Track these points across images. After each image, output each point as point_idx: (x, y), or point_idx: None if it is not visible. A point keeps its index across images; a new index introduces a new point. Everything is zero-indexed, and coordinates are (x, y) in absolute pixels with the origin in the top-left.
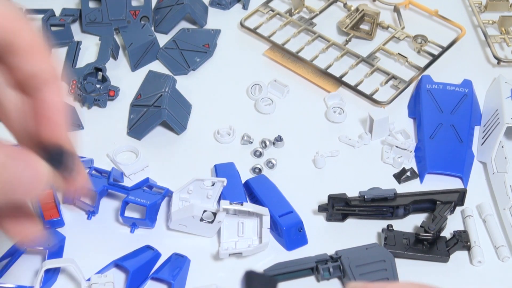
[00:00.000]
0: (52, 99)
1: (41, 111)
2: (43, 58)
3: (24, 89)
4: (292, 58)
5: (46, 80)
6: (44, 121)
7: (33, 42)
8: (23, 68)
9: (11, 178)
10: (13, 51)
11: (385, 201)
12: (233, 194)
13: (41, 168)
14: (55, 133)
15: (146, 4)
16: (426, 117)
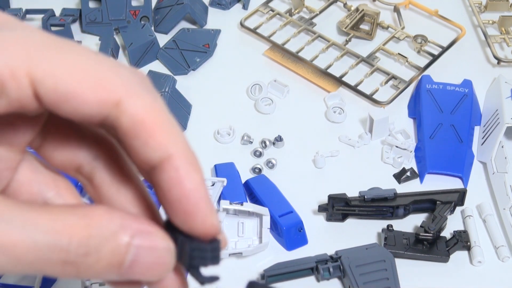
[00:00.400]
0: (180, 179)
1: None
2: (156, 140)
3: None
4: (292, 58)
5: (167, 159)
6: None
7: (141, 121)
8: (129, 151)
9: (130, 261)
10: (116, 130)
11: (385, 201)
12: (233, 194)
13: (169, 254)
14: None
15: (146, 4)
16: (426, 117)
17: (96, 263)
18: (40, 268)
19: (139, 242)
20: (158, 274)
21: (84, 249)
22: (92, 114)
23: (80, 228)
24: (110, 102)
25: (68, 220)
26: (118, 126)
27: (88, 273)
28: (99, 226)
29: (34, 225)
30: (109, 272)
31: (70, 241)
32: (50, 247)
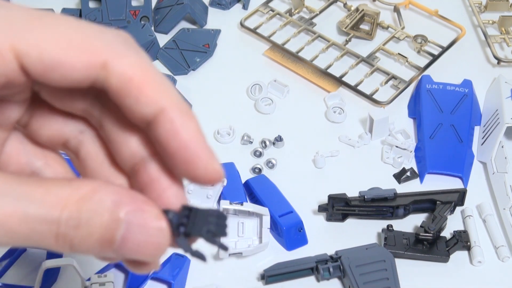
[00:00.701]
0: (177, 129)
1: (168, 146)
2: (147, 96)
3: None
4: (292, 58)
5: (161, 112)
6: (177, 157)
7: (129, 79)
8: (124, 111)
9: (121, 237)
10: (106, 92)
11: (385, 201)
12: (233, 194)
13: (162, 235)
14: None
15: (146, 4)
16: (426, 117)
17: (87, 236)
18: (35, 240)
19: (130, 218)
20: (151, 253)
21: (74, 221)
22: (80, 79)
23: (72, 201)
24: (97, 65)
25: (61, 193)
26: (107, 87)
27: (81, 248)
28: (92, 200)
29: (26, 198)
30: (101, 248)
31: (61, 213)
32: (42, 219)
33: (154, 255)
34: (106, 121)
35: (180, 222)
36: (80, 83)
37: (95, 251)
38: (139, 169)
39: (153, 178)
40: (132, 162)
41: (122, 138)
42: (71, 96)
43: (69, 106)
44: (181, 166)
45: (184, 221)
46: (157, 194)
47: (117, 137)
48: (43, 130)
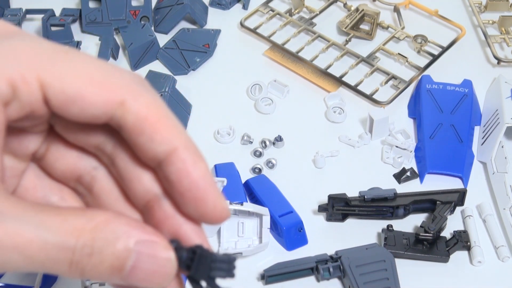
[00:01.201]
0: (187, 169)
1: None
2: (161, 135)
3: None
4: (292, 58)
5: (173, 153)
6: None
7: (145, 118)
8: (137, 149)
9: (131, 267)
10: (122, 128)
11: (385, 201)
12: (233, 194)
13: (170, 265)
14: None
15: (146, 4)
16: (426, 117)
17: (99, 264)
18: (50, 267)
19: (140, 248)
20: (158, 282)
21: (88, 249)
22: (98, 114)
23: (87, 230)
24: (115, 102)
25: (77, 222)
26: (123, 125)
27: (92, 274)
28: (105, 229)
29: (45, 226)
30: (111, 275)
31: (77, 241)
32: (59, 247)
33: (161, 284)
34: (118, 158)
35: (187, 263)
36: (97, 119)
37: (104, 278)
38: (152, 206)
39: (168, 215)
40: (145, 199)
41: (135, 175)
42: (85, 132)
43: (83, 141)
44: (191, 204)
45: (189, 263)
46: (173, 230)
47: (129, 174)
48: (58, 163)
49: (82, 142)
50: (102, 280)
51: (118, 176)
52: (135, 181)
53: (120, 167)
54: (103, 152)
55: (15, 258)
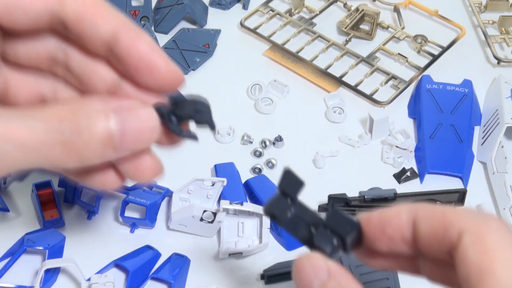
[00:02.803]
0: (134, 42)
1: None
2: (102, 17)
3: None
4: (292, 58)
5: (117, 31)
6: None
7: (83, 7)
8: (84, 39)
9: (120, 131)
10: (65, 24)
11: (385, 201)
12: (233, 194)
13: (152, 118)
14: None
15: (146, 4)
16: (426, 117)
17: (90, 139)
18: (45, 153)
19: (121, 113)
20: (147, 138)
21: (74, 127)
22: (40, 13)
23: (66, 112)
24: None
25: (54, 109)
26: (65, 19)
27: (87, 153)
28: (83, 108)
29: (29, 116)
30: (105, 147)
31: (61, 123)
32: (46, 129)
33: (150, 139)
34: (71, 60)
35: (169, 110)
36: (40, 19)
37: (98, 153)
38: (114, 93)
39: (131, 95)
40: (106, 87)
41: (90, 69)
42: (35, 44)
43: (35, 55)
44: (146, 74)
45: (173, 108)
46: None
47: (85, 70)
48: (20, 93)
49: (35, 57)
50: (98, 158)
51: (76, 80)
52: (91, 74)
53: (75, 69)
54: (57, 62)
55: (9, 148)
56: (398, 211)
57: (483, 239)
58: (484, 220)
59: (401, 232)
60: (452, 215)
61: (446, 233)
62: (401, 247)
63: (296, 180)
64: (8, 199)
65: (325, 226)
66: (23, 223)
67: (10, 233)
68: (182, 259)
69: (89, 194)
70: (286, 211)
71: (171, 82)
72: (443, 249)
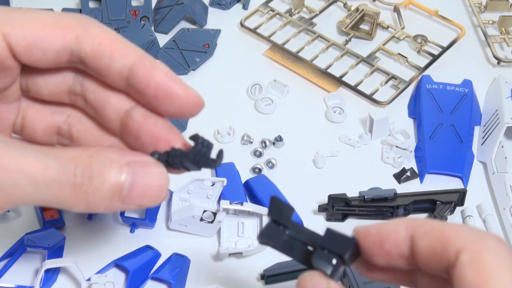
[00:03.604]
0: (151, 73)
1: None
2: (118, 53)
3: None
4: (292, 58)
5: (134, 65)
6: (157, 103)
7: (100, 44)
8: (102, 73)
9: (129, 184)
10: (83, 61)
11: (385, 201)
12: (233, 194)
13: (163, 177)
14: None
15: (146, 4)
16: (426, 117)
17: (100, 186)
18: (55, 192)
19: (134, 167)
20: (155, 196)
21: (88, 173)
22: (58, 51)
23: (83, 157)
24: (71, 36)
25: (73, 152)
26: (83, 56)
27: (95, 199)
28: (99, 156)
29: (45, 153)
30: (113, 198)
31: (76, 166)
32: (60, 170)
33: (158, 198)
34: (88, 92)
35: (174, 163)
36: (59, 57)
37: (106, 203)
38: (126, 122)
39: (141, 122)
40: (118, 118)
41: (105, 99)
42: (54, 79)
43: (55, 89)
44: (165, 101)
45: (179, 163)
46: (150, 133)
47: (100, 101)
48: (37, 125)
49: (54, 90)
50: (105, 207)
51: (93, 111)
52: (105, 105)
53: (92, 100)
54: (75, 94)
55: (21, 181)
56: (396, 226)
57: (481, 259)
58: (483, 238)
59: (398, 247)
60: (451, 233)
61: (444, 251)
62: (398, 262)
63: (285, 206)
64: None
65: (322, 247)
66: (23, 223)
67: (10, 233)
68: (182, 259)
69: None
70: (281, 236)
71: (191, 107)
72: (441, 266)
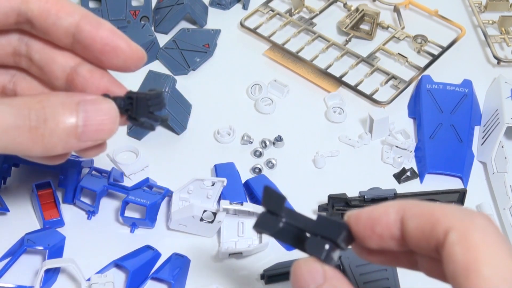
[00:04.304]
0: (96, 29)
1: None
2: (64, 11)
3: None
4: (292, 58)
5: (80, 22)
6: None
7: (46, 3)
8: (49, 32)
9: (83, 122)
10: (30, 21)
11: (385, 201)
12: (233, 194)
13: (113, 110)
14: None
15: (146, 4)
16: (426, 117)
17: (55, 127)
18: (13, 136)
19: (84, 105)
20: (109, 129)
21: (41, 116)
22: (7, 12)
23: (35, 102)
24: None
25: (24, 98)
26: (30, 15)
27: (52, 140)
28: (50, 99)
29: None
30: (68, 136)
31: (30, 111)
32: (14, 114)
33: (111, 131)
34: (33, 52)
35: (126, 108)
36: (7, 18)
37: (62, 142)
38: (72, 78)
39: (87, 77)
40: (64, 75)
41: (50, 58)
42: (0, 42)
43: (2, 51)
44: (111, 55)
45: (129, 108)
46: (95, 87)
47: (46, 60)
48: None
49: (1, 53)
50: (62, 148)
51: (37, 70)
52: (52, 63)
53: (36, 59)
54: (20, 54)
55: None
56: (386, 209)
57: (469, 237)
58: (470, 217)
59: (389, 230)
60: (439, 213)
61: (433, 231)
62: (390, 244)
63: (277, 196)
64: (8, 199)
65: (315, 234)
66: (23, 223)
67: (10, 233)
68: (182, 259)
69: (89, 194)
70: (276, 224)
71: (135, 59)
72: (431, 246)
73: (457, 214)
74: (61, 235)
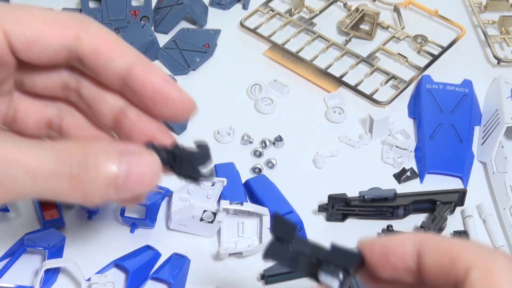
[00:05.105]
0: (148, 75)
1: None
2: (117, 54)
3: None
4: (292, 58)
5: (131, 66)
6: (151, 103)
7: (99, 43)
8: (99, 73)
9: (124, 173)
10: (81, 59)
11: (385, 201)
12: (233, 194)
13: (156, 164)
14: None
15: (146, 4)
16: (426, 117)
17: (96, 176)
18: (53, 184)
19: (127, 157)
20: (149, 182)
21: (83, 164)
22: (58, 49)
23: (77, 149)
24: (70, 35)
25: (66, 144)
26: (81, 54)
27: (91, 189)
28: (93, 147)
29: (40, 147)
30: (108, 187)
31: (71, 157)
32: (56, 161)
33: (152, 184)
34: (83, 88)
35: (169, 162)
36: (57, 55)
37: (101, 191)
38: (120, 119)
39: (134, 120)
40: (112, 115)
41: (100, 97)
42: (50, 74)
43: (49, 83)
44: (161, 104)
45: (172, 164)
46: (142, 132)
47: (95, 98)
48: (28, 118)
49: (49, 85)
50: (100, 197)
51: (85, 106)
52: (101, 102)
53: (86, 96)
54: (69, 89)
55: (19, 174)
56: (403, 240)
57: (492, 276)
58: (492, 256)
59: (405, 261)
60: (459, 249)
61: (452, 267)
62: (404, 276)
63: (288, 224)
64: None
65: (328, 262)
66: (23, 223)
67: (10, 233)
68: (182, 259)
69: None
70: (285, 252)
71: (185, 110)
72: (449, 282)
73: (477, 251)
74: (61, 235)
